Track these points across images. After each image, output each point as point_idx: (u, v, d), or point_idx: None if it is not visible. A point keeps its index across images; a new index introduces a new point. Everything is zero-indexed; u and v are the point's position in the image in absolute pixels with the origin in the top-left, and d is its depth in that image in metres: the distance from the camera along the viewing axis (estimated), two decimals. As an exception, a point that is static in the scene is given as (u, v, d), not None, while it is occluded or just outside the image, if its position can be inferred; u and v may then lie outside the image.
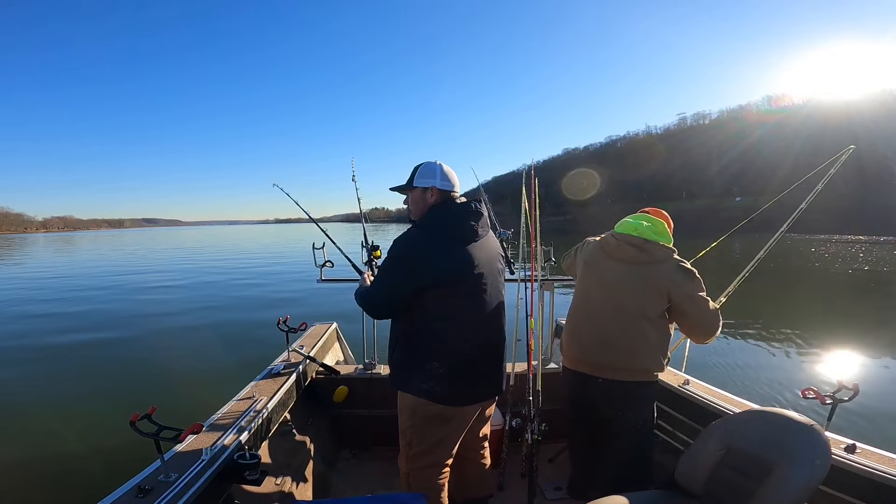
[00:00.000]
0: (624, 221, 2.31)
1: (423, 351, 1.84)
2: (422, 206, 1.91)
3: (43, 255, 37.96)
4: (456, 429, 1.94)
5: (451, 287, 1.79)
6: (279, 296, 13.33)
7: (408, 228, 1.89)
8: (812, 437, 1.51)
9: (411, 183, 1.91)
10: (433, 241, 1.80)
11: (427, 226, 1.85)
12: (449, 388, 1.83)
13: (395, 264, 1.82)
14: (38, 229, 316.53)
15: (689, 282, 2.11)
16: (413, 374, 1.85)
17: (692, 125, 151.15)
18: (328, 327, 3.69)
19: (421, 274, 1.76)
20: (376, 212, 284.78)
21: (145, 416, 1.60)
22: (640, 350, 2.15)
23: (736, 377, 6.04)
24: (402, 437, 1.97)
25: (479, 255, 1.85)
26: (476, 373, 1.89)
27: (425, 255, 1.77)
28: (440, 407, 1.84)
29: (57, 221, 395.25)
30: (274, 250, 35.01)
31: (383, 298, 1.86)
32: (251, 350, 7.15)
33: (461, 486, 2.22)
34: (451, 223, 1.83)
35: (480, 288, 1.86)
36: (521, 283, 2.75)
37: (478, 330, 1.87)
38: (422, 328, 1.83)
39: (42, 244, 65.71)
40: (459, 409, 1.89)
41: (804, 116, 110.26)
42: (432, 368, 1.81)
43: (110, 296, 14.11)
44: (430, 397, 1.83)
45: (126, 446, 2.31)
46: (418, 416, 1.89)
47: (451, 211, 1.85)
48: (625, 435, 2.23)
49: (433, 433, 1.90)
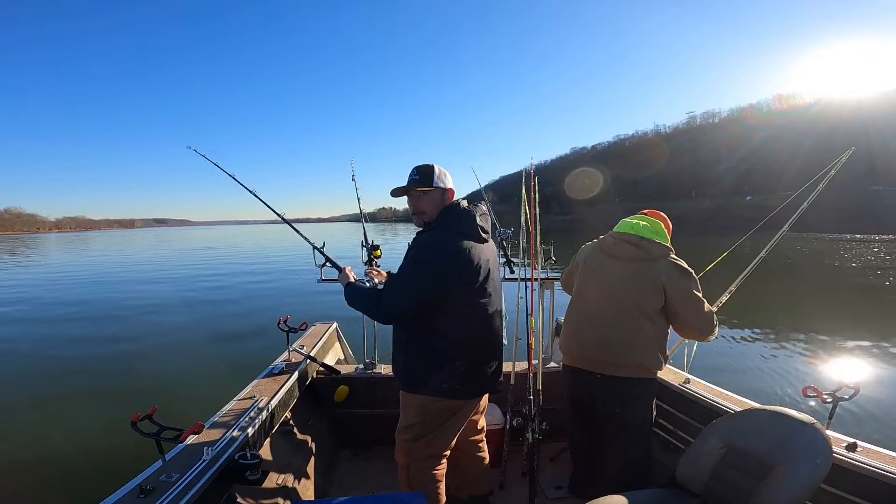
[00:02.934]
0: (622, 221, 2.35)
1: (444, 351, 1.87)
2: (440, 207, 1.93)
3: (51, 255, 38.25)
4: (460, 420, 2.01)
5: (471, 287, 1.86)
6: (280, 296, 13.36)
7: (431, 231, 1.89)
8: (813, 435, 1.51)
9: (430, 183, 1.90)
10: (461, 242, 1.84)
11: (453, 227, 1.88)
12: (466, 384, 1.91)
13: (426, 268, 1.81)
14: (51, 229, 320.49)
15: (684, 279, 2.12)
16: (433, 374, 1.88)
17: (702, 124, 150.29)
18: (328, 327, 3.71)
19: (452, 276, 1.81)
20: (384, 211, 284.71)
21: (146, 416, 1.61)
22: (637, 346, 2.16)
23: (737, 375, 6.01)
24: (406, 432, 1.99)
25: (488, 256, 1.94)
26: (485, 366, 1.97)
27: (457, 257, 1.81)
28: (452, 401, 1.92)
29: (69, 222, 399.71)
30: (276, 250, 35.17)
31: (411, 304, 1.81)
32: (252, 350, 7.19)
33: (462, 483, 2.24)
34: (468, 225, 1.88)
35: (492, 286, 1.95)
36: (521, 283, 2.75)
37: (490, 326, 1.96)
38: (443, 329, 1.86)
39: (54, 244, 66.36)
40: (467, 401, 1.97)
41: (814, 114, 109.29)
42: (454, 367, 1.87)
43: (110, 296, 14.16)
44: (448, 395, 1.90)
45: (127, 446, 2.32)
46: (428, 412, 1.94)
47: (468, 213, 1.90)
48: (624, 433, 2.23)
49: (439, 424, 1.96)
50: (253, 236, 76.37)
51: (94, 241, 71.72)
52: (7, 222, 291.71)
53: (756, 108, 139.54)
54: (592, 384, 2.27)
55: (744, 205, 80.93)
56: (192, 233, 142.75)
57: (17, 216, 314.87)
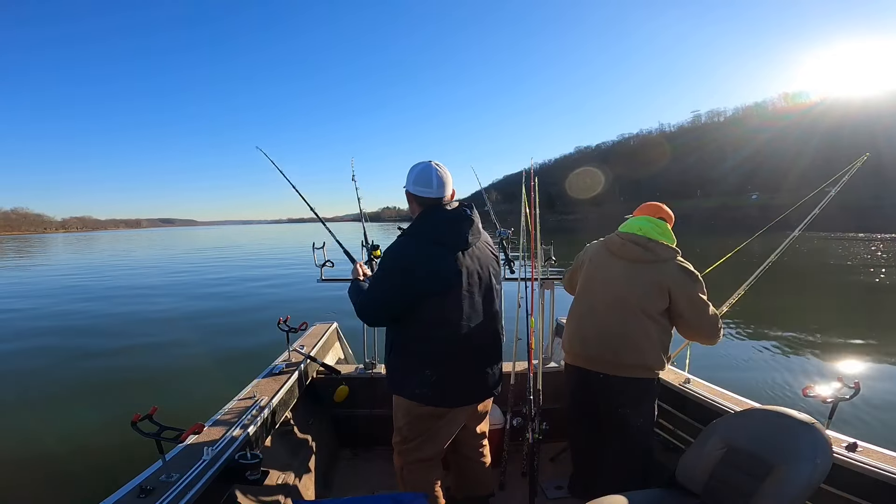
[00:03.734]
0: (629, 221, 2.34)
1: (415, 358, 1.84)
2: (414, 209, 1.88)
3: (54, 255, 38.37)
4: (448, 426, 1.95)
5: (441, 297, 1.76)
6: (280, 295, 13.37)
7: (398, 236, 1.85)
8: (813, 435, 1.50)
9: (407, 183, 1.87)
10: (421, 250, 1.76)
11: (416, 234, 1.80)
12: (442, 393, 1.83)
13: (387, 275, 1.80)
14: (58, 229, 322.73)
15: (690, 283, 2.12)
16: (406, 379, 1.86)
17: (707, 122, 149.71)
18: (329, 327, 3.71)
19: (411, 285, 1.74)
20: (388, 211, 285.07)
21: (146, 416, 1.61)
22: (640, 346, 2.15)
23: (737, 375, 5.98)
24: (397, 434, 1.99)
25: (469, 263, 1.81)
26: (470, 376, 1.89)
27: (415, 266, 1.74)
28: (433, 408, 1.87)
29: (76, 222, 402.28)
30: (277, 250, 35.24)
31: (377, 308, 1.84)
32: (252, 350, 7.15)
33: (462, 485, 2.23)
34: (439, 231, 1.78)
35: (472, 296, 1.83)
36: (521, 283, 2.74)
37: (471, 337, 1.84)
38: (414, 336, 1.83)
39: (61, 244, 66.63)
40: (451, 409, 1.90)
41: (819, 113, 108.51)
42: (425, 376, 1.81)
43: (111, 296, 14.16)
44: (423, 401, 1.85)
45: (127, 446, 2.33)
46: (412, 415, 1.91)
47: (438, 219, 1.79)
48: (625, 433, 2.23)
49: (426, 430, 1.92)
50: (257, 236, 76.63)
51: (99, 242, 72.02)
52: (14, 222, 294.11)
53: (761, 106, 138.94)
54: (594, 383, 2.27)
55: (749, 203, 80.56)
56: (197, 232, 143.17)
57: (24, 216, 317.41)
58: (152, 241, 69.53)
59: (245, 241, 53.85)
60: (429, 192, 1.82)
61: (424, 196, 1.82)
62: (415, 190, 1.83)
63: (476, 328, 1.85)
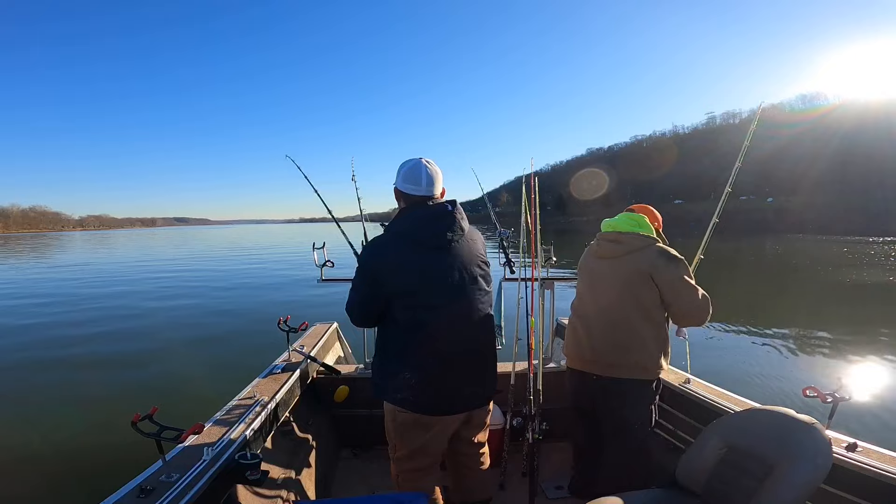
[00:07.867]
0: (604, 221, 2.37)
1: (394, 361, 1.78)
2: (400, 205, 1.84)
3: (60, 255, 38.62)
4: (437, 436, 1.86)
5: (416, 297, 1.70)
6: (280, 295, 13.44)
7: (380, 234, 1.83)
8: (813, 435, 1.50)
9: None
10: (395, 248, 1.73)
11: (392, 231, 1.76)
12: (423, 398, 1.75)
13: (358, 274, 1.79)
14: (75, 227, 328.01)
15: (672, 265, 2.10)
16: (388, 382, 1.80)
17: (721, 124, 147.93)
18: (329, 327, 3.72)
19: (383, 284, 1.71)
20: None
21: (147, 416, 1.62)
22: (634, 347, 2.15)
23: (737, 376, 5.98)
24: (389, 441, 1.93)
25: (450, 263, 1.74)
26: (455, 382, 1.78)
27: (386, 264, 1.71)
28: (417, 416, 1.78)
29: (93, 220, 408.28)
30: (278, 250, 35.45)
31: (353, 309, 1.82)
32: (252, 350, 7.16)
33: (460, 491, 2.20)
34: (416, 229, 1.72)
35: (452, 297, 1.74)
36: (521, 283, 2.74)
37: (453, 340, 1.75)
38: (393, 338, 1.79)
39: (78, 242, 67.45)
40: (438, 418, 1.80)
41: (835, 117, 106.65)
42: (404, 379, 1.74)
43: (111, 296, 14.27)
44: (405, 406, 1.78)
45: (127, 446, 2.34)
46: (397, 422, 1.84)
47: (417, 216, 1.74)
48: (624, 433, 2.23)
49: (413, 439, 1.84)
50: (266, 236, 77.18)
51: (115, 240, 72.89)
52: (32, 220, 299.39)
53: (778, 108, 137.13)
54: (593, 386, 2.27)
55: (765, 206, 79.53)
56: (210, 232, 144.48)
57: (42, 214, 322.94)
58: (170, 239, 70.23)
59: (253, 241, 54.03)
60: (417, 189, 1.77)
61: (412, 193, 1.78)
62: (403, 187, 1.79)
63: (459, 331, 1.76)
